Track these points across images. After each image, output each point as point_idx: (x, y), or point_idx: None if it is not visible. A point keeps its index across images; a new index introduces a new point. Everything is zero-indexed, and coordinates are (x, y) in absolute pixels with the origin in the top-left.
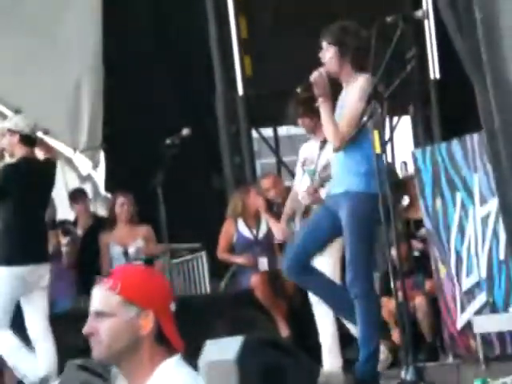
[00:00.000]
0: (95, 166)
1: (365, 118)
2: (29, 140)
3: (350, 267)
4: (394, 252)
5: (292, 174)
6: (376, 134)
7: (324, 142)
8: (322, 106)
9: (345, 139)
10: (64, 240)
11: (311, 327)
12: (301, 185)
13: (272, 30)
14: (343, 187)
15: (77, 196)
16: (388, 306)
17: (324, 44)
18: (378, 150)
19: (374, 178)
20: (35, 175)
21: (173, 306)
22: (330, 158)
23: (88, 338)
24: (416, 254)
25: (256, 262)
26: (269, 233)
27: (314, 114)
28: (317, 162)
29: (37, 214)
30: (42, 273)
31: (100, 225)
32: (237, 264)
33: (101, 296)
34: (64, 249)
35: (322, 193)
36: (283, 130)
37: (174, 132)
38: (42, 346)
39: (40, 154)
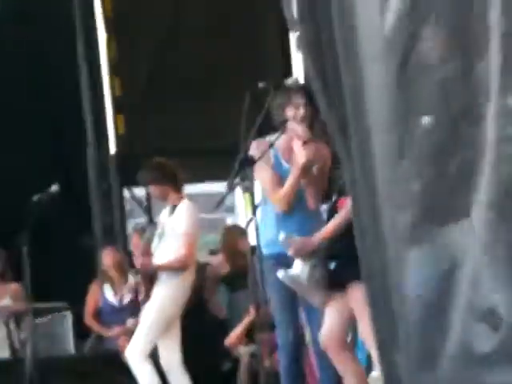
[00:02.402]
0: None
1: (236, 181)
2: None
3: None
4: None
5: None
6: (248, 197)
7: (174, 207)
8: None
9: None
10: None
11: None
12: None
13: (146, 90)
14: None
15: None
16: None
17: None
18: (249, 212)
19: None
20: None
21: None
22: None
23: None
24: None
25: (123, 332)
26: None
27: (162, 181)
28: (163, 226)
29: None
30: None
31: None
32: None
33: None
34: None
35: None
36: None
37: (42, 188)
38: None
39: None
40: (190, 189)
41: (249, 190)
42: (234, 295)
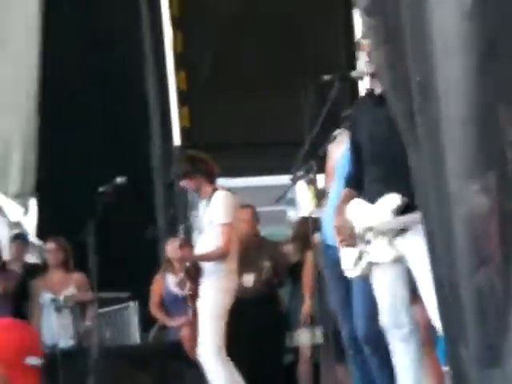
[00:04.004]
0: (26, 212)
1: (300, 173)
2: None
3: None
4: None
5: None
6: (311, 189)
7: (209, 199)
8: None
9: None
10: None
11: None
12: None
13: (210, 83)
14: None
15: (16, 240)
16: None
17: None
18: (313, 204)
19: None
20: None
21: (32, 361)
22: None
23: None
24: None
25: (186, 322)
26: None
27: (194, 174)
28: (202, 219)
29: None
30: None
31: (28, 272)
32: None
33: None
34: None
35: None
36: (219, 182)
37: (108, 180)
38: None
39: None
40: (252, 181)
41: (312, 182)
42: (298, 286)
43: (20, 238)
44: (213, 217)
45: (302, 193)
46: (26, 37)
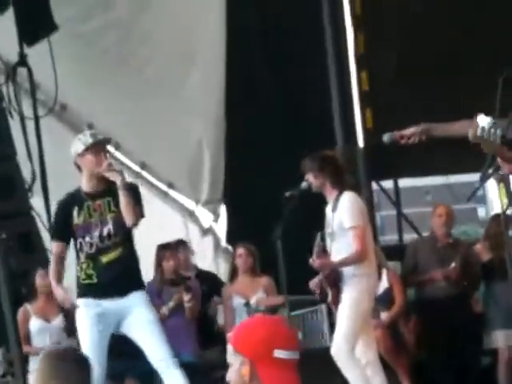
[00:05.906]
0: (216, 218)
1: (490, 171)
2: None
3: None
4: None
5: (413, 227)
6: (502, 187)
7: (336, 202)
8: None
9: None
10: (186, 297)
11: (434, 382)
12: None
13: (393, 82)
14: None
15: (179, 245)
16: None
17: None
18: (504, 202)
19: None
20: None
21: (280, 354)
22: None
23: None
24: None
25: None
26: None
27: (320, 173)
28: (332, 224)
29: None
30: None
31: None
32: None
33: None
34: (186, 305)
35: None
36: (404, 182)
37: (293, 184)
38: None
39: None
40: (440, 180)
41: (503, 180)
42: (492, 286)
43: (183, 245)
44: (342, 220)
45: (493, 190)
46: (214, 46)
